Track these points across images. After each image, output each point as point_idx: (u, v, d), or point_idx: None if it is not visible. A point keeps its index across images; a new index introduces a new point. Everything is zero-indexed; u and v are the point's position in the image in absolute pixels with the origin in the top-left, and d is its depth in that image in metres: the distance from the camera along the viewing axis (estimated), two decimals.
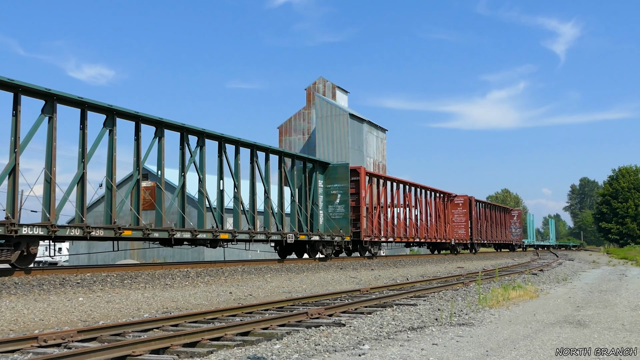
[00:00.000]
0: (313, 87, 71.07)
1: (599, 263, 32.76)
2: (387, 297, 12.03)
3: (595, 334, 7.86)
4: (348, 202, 25.79)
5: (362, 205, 26.79)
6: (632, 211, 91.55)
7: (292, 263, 22.61)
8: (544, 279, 18.46)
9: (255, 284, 15.99)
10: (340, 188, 26.06)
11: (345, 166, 26.46)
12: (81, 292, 12.48)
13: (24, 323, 9.42)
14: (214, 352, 6.76)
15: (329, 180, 26.24)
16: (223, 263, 20.23)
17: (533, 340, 7.39)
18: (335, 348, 6.84)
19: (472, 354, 6.52)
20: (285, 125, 72.07)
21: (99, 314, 10.49)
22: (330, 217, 25.75)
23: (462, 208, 43.36)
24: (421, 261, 30.24)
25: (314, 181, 25.53)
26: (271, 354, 6.52)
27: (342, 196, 25.83)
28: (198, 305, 11.99)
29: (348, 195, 25.90)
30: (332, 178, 26.14)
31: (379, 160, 72.27)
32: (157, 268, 17.22)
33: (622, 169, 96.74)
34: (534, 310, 10.35)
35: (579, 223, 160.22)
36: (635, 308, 10.73)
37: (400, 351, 6.62)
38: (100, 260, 43.97)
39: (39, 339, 7.17)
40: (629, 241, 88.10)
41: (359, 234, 26.57)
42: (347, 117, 65.35)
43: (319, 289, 15.57)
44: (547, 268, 25.24)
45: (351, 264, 24.00)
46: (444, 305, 10.85)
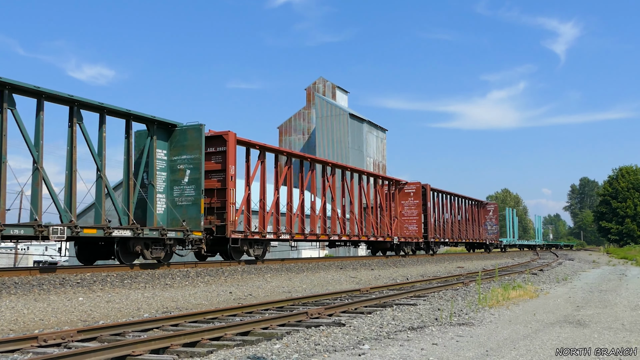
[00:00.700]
0: (313, 87, 71.06)
1: (599, 263, 32.77)
2: (387, 297, 12.03)
3: (595, 333, 7.86)
4: (200, 181, 17.73)
5: (230, 187, 19.26)
6: (631, 211, 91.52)
7: (292, 263, 22.58)
8: (544, 278, 18.46)
9: (255, 283, 16.00)
10: (189, 161, 17.95)
11: (197, 128, 17.98)
12: (81, 292, 12.48)
13: (24, 323, 9.42)
14: (214, 352, 6.76)
15: (176, 149, 18.08)
16: (223, 263, 20.23)
17: (533, 340, 7.39)
18: (335, 348, 6.84)
19: (472, 353, 6.52)
20: (285, 125, 72.05)
21: (99, 313, 10.49)
22: (177, 203, 17.94)
23: (414, 198, 34.88)
24: (421, 261, 30.26)
25: (147, 150, 17.58)
26: (271, 354, 6.52)
27: (192, 172, 17.90)
28: (198, 305, 11.99)
29: (200, 171, 17.82)
30: (181, 147, 18.04)
31: (379, 160, 72.29)
32: (157, 268, 17.21)
33: (622, 169, 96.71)
34: (534, 310, 10.35)
35: (579, 223, 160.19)
36: (635, 308, 10.73)
37: (400, 351, 6.62)
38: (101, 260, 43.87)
39: (39, 339, 7.17)
40: (629, 241, 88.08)
41: (224, 228, 19.08)
42: (347, 117, 65.35)
43: (318, 289, 15.57)
44: (547, 268, 25.25)
45: (351, 263, 23.99)
46: (444, 305, 10.85)
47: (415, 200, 34.99)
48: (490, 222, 52.09)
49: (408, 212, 35.07)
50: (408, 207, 35.09)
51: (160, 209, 17.63)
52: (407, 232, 34.34)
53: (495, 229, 52.06)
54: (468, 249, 51.10)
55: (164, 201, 17.80)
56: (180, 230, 17.35)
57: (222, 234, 19.09)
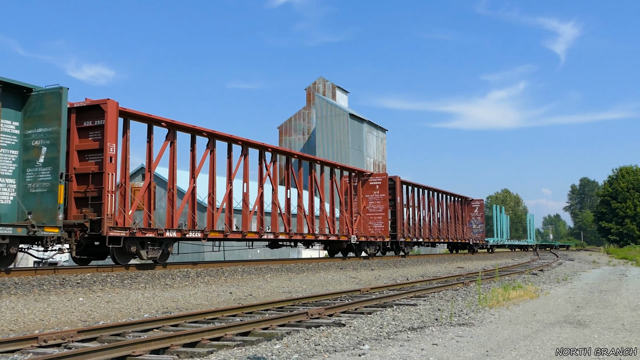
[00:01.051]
0: (313, 87, 71.09)
1: (599, 263, 32.77)
2: (387, 297, 12.03)
3: (595, 334, 7.86)
4: (58, 162, 13.93)
5: (108, 171, 15.45)
6: (631, 211, 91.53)
7: (292, 263, 22.58)
8: (544, 279, 18.46)
9: (255, 284, 16.00)
10: (46, 135, 14.13)
11: (56, 93, 14.09)
12: (81, 292, 12.48)
13: (24, 323, 9.42)
14: (214, 352, 6.76)
15: (31, 121, 14.25)
16: (223, 263, 20.23)
17: (533, 340, 7.39)
18: (335, 348, 6.84)
19: (472, 354, 6.52)
20: (285, 125, 72.07)
21: (99, 314, 10.49)
22: (30, 190, 14.11)
23: (380, 192, 30.44)
24: (421, 261, 30.26)
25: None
26: (271, 354, 6.52)
27: (49, 150, 14.05)
28: (198, 305, 12.00)
29: (59, 148, 13.98)
30: (37, 117, 14.16)
31: (379, 160, 72.30)
32: (157, 268, 17.21)
33: (622, 169, 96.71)
34: (534, 310, 10.35)
35: (579, 223, 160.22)
36: (635, 308, 10.73)
37: (400, 351, 6.62)
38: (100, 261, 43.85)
39: (39, 339, 7.17)
40: (629, 241, 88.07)
41: (100, 223, 15.19)
42: (347, 117, 65.35)
43: (319, 289, 15.57)
44: (547, 268, 25.25)
45: (351, 264, 23.99)
46: (444, 306, 10.85)
47: (382, 194, 30.55)
48: (476, 221, 48.09)
49: (373, 208, 30.58)
50: (373, 201, 30.61)
51: (5, 199, 13.80)
52: (372, 230, 30.12)
53: (480, 228, 48.19)
54: (451, 250, 47.25)
55: (12, 188, 13.99)
56: (22, 225, 13.21)
57: (97, 231, 15.20)
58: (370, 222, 30.42)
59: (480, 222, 48.19)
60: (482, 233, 48.26)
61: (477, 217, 48.26)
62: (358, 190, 30.13)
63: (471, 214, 47.87)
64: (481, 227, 48.19)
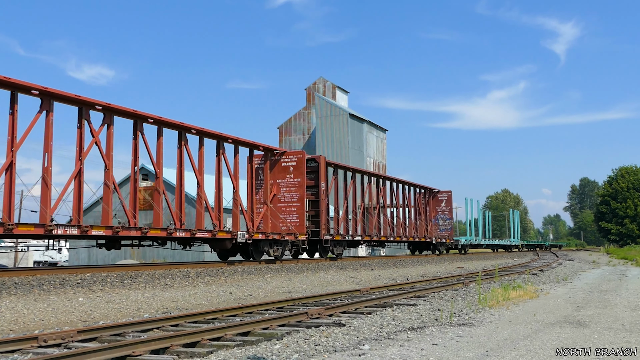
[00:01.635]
0: (313, 87, 71.10)
1: (599, 263, 32.77)
2: (387, 297, 12.03)
3: (595, 334, 7.86)
4: None
5: None
6: (631, 211, 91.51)
7: (292, 263, 22.56)
8: (544, 279, 18.45)
9: (255, 284, 16.00)
10: None
11: None
12: (81, 292, 12.48)
13: (24, 323, 9.42)
14: (214, 352, 6.76)
15: None
16: (223, 263, 20.23)
17: (533, 340, 7.39)
18: (335, 348, 6.84)
19: (472, 354, 6.52)
20: (285, 125, 72.08)
21: (99, 314, 10.49)
22: None
23: (294, 175, 23.79)
24: (421, 261, 30.23)
25: None
26: (271, 354, 6.52)
27: None
28: (198, 305, 12.00)
29: None
30: None
31: (379, 160, 72.31)
32: (157, 268, 17.21)
33: (622, 169, 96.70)
34: (534, 310, 10.35)
35: (579, 223, 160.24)
36: (635, 308, 10.73)
37: (400, 351, 6.62)
38: (100, 260, 43.99)
39: (39, 339, 7.17)
40: (629, 241, 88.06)
41: None
42: (347, 117, 65.36)
43: (319, 289, 15.57)
44: (547, 268, 25.25)
45: (351, 264, 23.99)
46: (444, 306, 10.85)
47: (297, 178, 23.79)
48: (443, 216, 41.12)
49: (286, 196, 23.93)
50: (286, 188, 23.95)
51: None
52: (284, 225, 23.47)
53: (448, 225, 41.18)
54: (413, 251, 40.90)
55: None
56: None
57: None
58: (283, 215, 23.79)
59: (448, 218, 41.36)
60: (450, 231, 41.46)
61: (445, 211, 41.56)
62: (265, 173, 23.47)
63: (437, 208, 41.35)
64: (449, 223, 41.37)
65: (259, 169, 24.15)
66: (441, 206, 41.49)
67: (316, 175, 25.75)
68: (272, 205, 23.81)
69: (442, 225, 41.10)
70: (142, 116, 18.15)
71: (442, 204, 41.52)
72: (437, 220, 40.98)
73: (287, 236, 23.15)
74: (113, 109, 17.25)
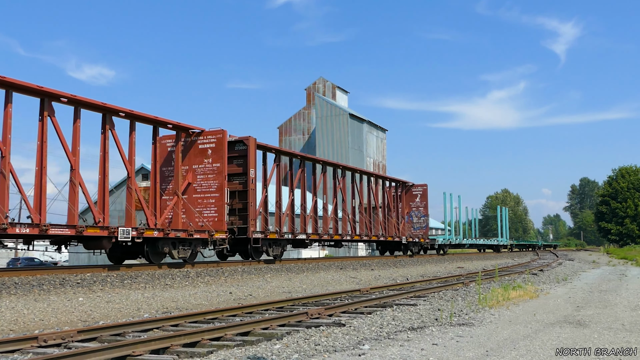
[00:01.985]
0: (313, 87, 71.12)
1: (599, 263, 32.77)
2: (387, 297, 12.03)
3: (595, 334, 7.86)
4: None
5: None
6: (631, 211, 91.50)
7: (293, 263, 22.56)
8: (544, 279, 18.46)
9: (255, 284, 16.00)
10: None
11: None
12: (81, 292, 12.48)
13: (24, 323, 9.42)
14: (214, 352, 6.77)
15: None
16: (223, 263, 20.22)
17: (533, 340, 7.39)
18: (335, 348, 6.84)
19: (472, 354, 6.52)
20: (285, 125, 72.11)
21: (99, 314, 10.49)
22: None
23: (213, 160, 19.77)
24: (421, 261, 30.24)
25: None
26: (271, 354, 6.52)
27: None
28: (198, 305, 12.00)
29: None
30: None
31: (379, 160, 72.33)
32: (157, 268, 17.21)
33: (622, 169, 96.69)
34: (534, 310, 10.35)
35: (579, 223, 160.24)
36: (635, 308, 10.73)
37: (400, 351, 6.62)
38: (101, 260, 44.01)
39: (39, 339, 7.17)
40: (629, 241, 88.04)
41: None
42: (347, 117, 65.37)
43: (319, 289, 15.57)
44: (547, 268, 25.25)
45: (351, 264, 24.00)
46: (444, 305, 10.85)
47: (216, 163, 19.75)
48: (417, 212, 36.73)
49: (203, 186, 19.89)
50: (204, 175, 19.91)
51: None
52: (200, 220, 19.46)
53: (423, 222, 36.56)
54: (382, 251, 35.63)
55: None
56: None
57: None
58: (199, 208, 19.70)
59: (422, 215, 36.41)
60: (425, 229, 36.64)
61: (420, 207, 36.65)
62: (177, 157, 19.44)
63: (411, 203, 36.69)
64: (424, 220, 36.54)
65: (172, 152, 20.06)
66: (415, 202, 36.73)
67: (244, 160, 21.21)
68: (187, 196, 19.73)
69: (417, 222, 36.65)
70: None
71: (417, 199, 36.73)
72: (411, 217, 36.58)
73: (197, 234, 18.58)
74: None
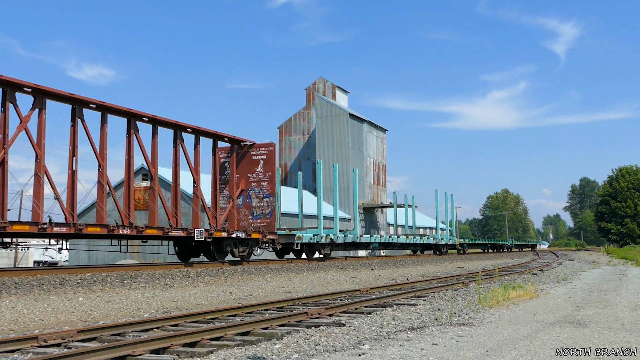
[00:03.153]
0: (313, 87, 71.12)
1: (599, 263, 32.76)
2: (387, 297, 12.03)
3: (595, 333, 7.86)
4: None
5: None
6: (631, 211, 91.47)
7: (292, 263, 22.56)
8: (544, 278, 18.45)
9: (255, 284, 16.00)
10: None
11: None
12: (81, 292, 12.48)
13: (24, 323, 9.42)
14: (214, 352, 6.76)
15: None
16: (223, 263, 20.22)
17: (533, 340, 7.39)
18: (335, 348, 6.84)
19: (472, 353, 6.52)
20: (285, 125, 72.11)
21: (99, 313, 10.49)
22: None
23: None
24: (421, 261, 30.24)
25: None
26: (271, 354, 6.51)
27: None
28: (198, 305, 11.99)
29: None
30: None
31: (379, 160, 72.32)
32: (157, 268, 17.21)
33: (622, 169, 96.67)
34: (534, 310, 10.35)
35: (579, 223, 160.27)
36: (635, 308, 10.72)
37: (400, 351, 6.62)
38: (100, 260, 44.00)
39: (39, 339, 7.17)
40: (629, 241, 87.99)
41: None
42: (347, 117, 65.37)
43: (319, 289, 15.57)
44: (547, 268, 25.25)
45: (351, 264, 24.00)
46: (444, 305, 10.85)
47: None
48: (258, 191, 23.10)
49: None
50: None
51: None
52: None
53: (268, 206, 23.00)
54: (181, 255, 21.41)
55: None
56: None
57: None
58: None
59: (267, 194, 22.98)
60: (270, 218, 22.92)
61: (263, 182, 23.00)
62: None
63: (250, 175, 23.11)
64: (268, 203, 23.01)
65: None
66: (255, 173, 23.00)
67: None
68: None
69: (257, 207, 22.99)
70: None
71: (258, 167, 23.01)
72: (249, 198, 23.03)
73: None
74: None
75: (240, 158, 23.05)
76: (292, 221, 52.43)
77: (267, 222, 22.65)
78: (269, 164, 22.62)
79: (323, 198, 26.90)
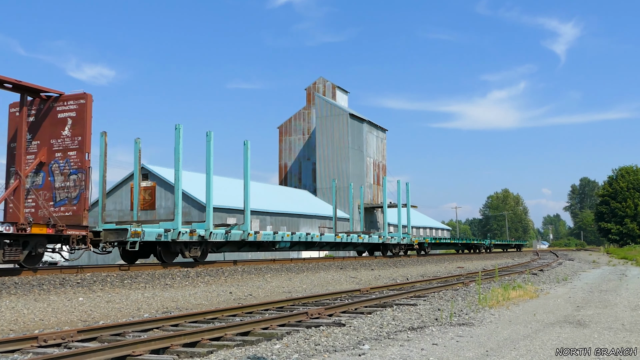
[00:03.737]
0: (313, 87, 71.09)
1: (599, 263, 32.75)
2: (387, 297, 12.02)
3: (595, 334, 7.86)
4: None
5: None
6: (631, 211, 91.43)
7: (293, 263, 22.55)
8: (544, 279, 18.45)
9: (255, 284, 16.00)
10: None
11: None
12: (81, 292, 12.48)
13: (24, 323, 9.42)
14: (214, 352, 6.76)
15: None
16: (223, 263, 20.22)
17: (533, 340, 7.39)
18: (335, 348, 6.84)
19: (472, 354, 6.52)
20: (285, 125, 72.08)
21: (99, 314, 10.49)
22: None
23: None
24: (422, 261, 30.22)
25: None
26: (271, 354, 6.51)
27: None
28: (198, 305, 11.99)
29: None
30: None
31: (379, 160, 72.30)
32: (157, 268, 17.21)
33: (622, 169, 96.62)
34: (534, 310, 10.35)
35: (579, 223, 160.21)
36: (635, 308, 10.72)
37: (400, 351, 6.62)
38: (101, 260, 43.96)
39: (39, 339, 7.17)
40: (629, 241, 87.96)
41: None
42: (347, 117, 65.35)
43: (319, 289, 15.57)
44: (547, 268, 25.25)
45: (351, 264, 24.00)
46: (444, 305, 10.85)
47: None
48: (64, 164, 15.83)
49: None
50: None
51: None
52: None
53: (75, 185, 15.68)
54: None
55: None
56: None
57: None
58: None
59: (74, 170, 15.86)
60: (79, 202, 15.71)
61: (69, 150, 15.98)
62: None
63: (55, 141, 16.14)
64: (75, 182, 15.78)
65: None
66: (62, 137, 16.19)
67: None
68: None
69: (61, 188, 16.04)
70: None
71: (65, 130, 16.14)
72: (51, 175, 16.15)
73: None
74: None
75: (41, 116, 15.99)
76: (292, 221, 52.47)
77: (73, 211, 15.52)
78: (79, 123, 15.51)
79: (323, 198, 26.69)
